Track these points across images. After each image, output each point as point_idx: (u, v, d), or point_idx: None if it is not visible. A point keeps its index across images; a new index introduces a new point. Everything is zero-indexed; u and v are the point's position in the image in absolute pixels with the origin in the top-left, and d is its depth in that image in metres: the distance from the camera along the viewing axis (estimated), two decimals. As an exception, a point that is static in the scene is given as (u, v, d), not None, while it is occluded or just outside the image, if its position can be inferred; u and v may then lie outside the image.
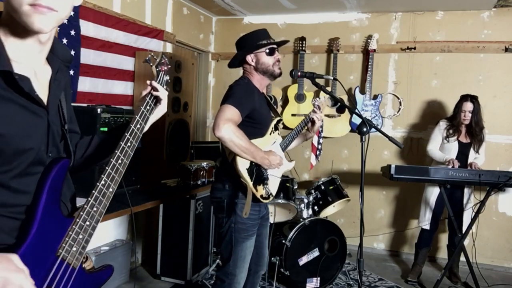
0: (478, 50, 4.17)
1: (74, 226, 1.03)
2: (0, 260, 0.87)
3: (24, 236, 0.95)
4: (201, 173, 3.45)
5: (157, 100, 1.32)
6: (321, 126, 4.24)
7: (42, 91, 1.03)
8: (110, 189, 1.10)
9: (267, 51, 2.25)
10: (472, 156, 3.61)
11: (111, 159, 1.11)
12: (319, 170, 4.65)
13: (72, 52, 2.84)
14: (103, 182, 1.09)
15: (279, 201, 3.17)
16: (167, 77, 1.38)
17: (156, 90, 1.30)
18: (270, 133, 2.31)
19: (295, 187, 3.48)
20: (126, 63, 3.44)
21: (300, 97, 4.50)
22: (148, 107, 1.27)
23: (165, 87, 1.35)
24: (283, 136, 2.46)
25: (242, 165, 2.11)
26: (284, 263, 3.27)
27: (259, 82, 2.31)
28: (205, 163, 3.49)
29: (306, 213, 3.50)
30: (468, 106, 3.53)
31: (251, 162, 2.14)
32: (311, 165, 3.89)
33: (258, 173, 2.18)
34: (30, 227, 0.96)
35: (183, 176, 3.37)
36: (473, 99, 3.55)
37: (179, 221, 3.38)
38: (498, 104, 4.13)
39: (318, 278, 3.35)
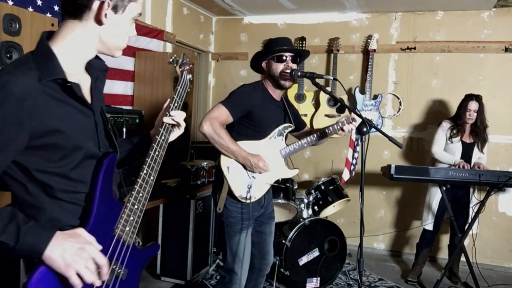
0: (478, 50, 4.17)
1: (125, 209, 1.21)
2: (71, 235, 1.07)
3: (86, 218, 1.13)
4: (201, 173, 3.45)
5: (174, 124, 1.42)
6: (357, 140, 4.16)
7: (86, 96, 1.21)
8: (151, 177, 1.28)
9: (275, 58, 2.26)
10: (476, 156, 3.61)
11: (150, 151, 1.28)
12: (319, 170, 4.65)
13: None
14: (145, 171, 1.25)
15: (279, 201, 3.17)
16: (190, 76, 1.51)
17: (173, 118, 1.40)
18: (271, 138, 2.31)
19: (295, 187, 3.48)
20: (126, 63, 3.44)
21: (300, 97, 4.51)
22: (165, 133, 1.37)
23: (188, 84, 1.49)
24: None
25: (225, 162, 2.20)
26: (284, 263, 3.27)
27: (272, 89, 2.34)
28: (205, 163, 3.49)
29: (306, 213, 3.50)
30: (474, 105, 3.53)
31: (237, 161, 2.20)
32: (342, 180, 3.76)
33: (241, 173, 2.22)
34: (90, 211, 1.14)
35: (183, 176, 3.37)
36: (478, 98, 3.55)
37: (179, 221, 3.38)
38: (498, 104, 4.13)
39: (318, 278, 3.35)
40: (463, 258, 3.46)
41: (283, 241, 3.30)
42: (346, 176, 3.80)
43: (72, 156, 1.13)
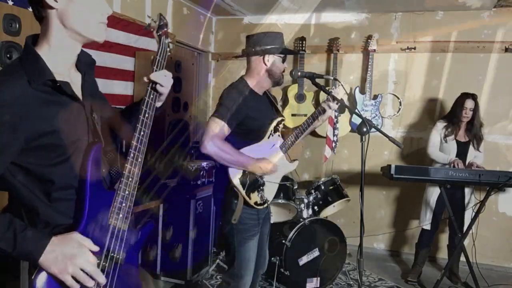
0: (478, 50, 4.17)
1: (117, 197, 1.23)
2: (64, 241, 1.10)
3: (80, 216, 1.15)
4: (201, 173, 3.45)
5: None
6: (336, 117, 4.15)
7: (78, 92, 1.24)
8: (139, 159, 1.27)
9: (281, 57, 2.24)
10: (471, 155, 3.61)
11: (135, 133, 1.26)
12: (319, 170, 4.65)
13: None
14: (132, 155, 1.25)
15: (279, 201, 3.17)
16: (168, 39, 1.38)
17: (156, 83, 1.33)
18: (269, 136, 2.27)
19: (295, 187, 3.48)
20: (126, 63, 3.44)
21: (300, 97, 4.50)
22: (152, 96, 1.32)
23: (168, 49, 1.37)
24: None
25: (234, 175, 2.14)
26: (284, 263, 3.27)
27: (259, 84, 2.27)
28: (205, 163, 3.49)
29: (306, 213, 3.50)
30: (470, 103, 3.54)
31: (244, 171, 2.16)
32: (324, 158, 3.74)
33: (252, 181, 2.18)
34: (83, 206, 1.16)
35: (183, 176, 3.37)
36: (474, 97, 3.57)
37: (179, 221, 3.38)
38: (498, 104, 4.13)
39: (318, 278, 3.35)
40: (463, 258, 3.46)
41: (283, 241, 3.30)
42: (328, 153, 3.81)
43: (69, 152, 1.17)
